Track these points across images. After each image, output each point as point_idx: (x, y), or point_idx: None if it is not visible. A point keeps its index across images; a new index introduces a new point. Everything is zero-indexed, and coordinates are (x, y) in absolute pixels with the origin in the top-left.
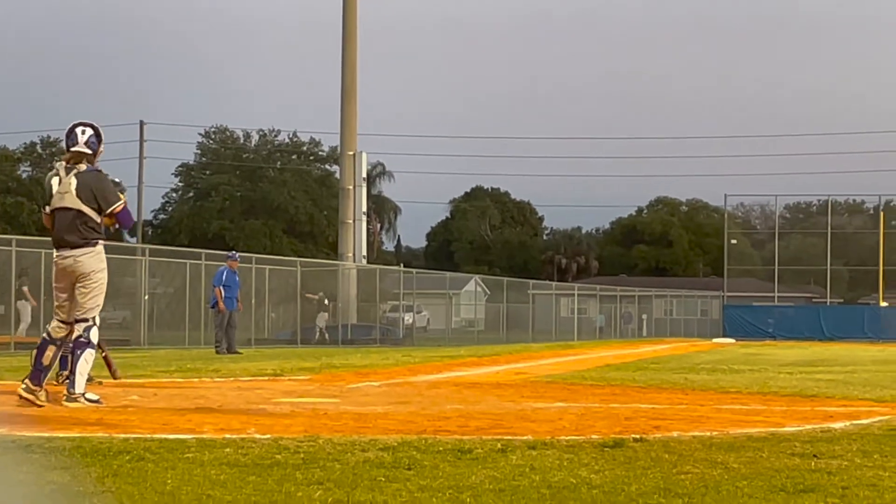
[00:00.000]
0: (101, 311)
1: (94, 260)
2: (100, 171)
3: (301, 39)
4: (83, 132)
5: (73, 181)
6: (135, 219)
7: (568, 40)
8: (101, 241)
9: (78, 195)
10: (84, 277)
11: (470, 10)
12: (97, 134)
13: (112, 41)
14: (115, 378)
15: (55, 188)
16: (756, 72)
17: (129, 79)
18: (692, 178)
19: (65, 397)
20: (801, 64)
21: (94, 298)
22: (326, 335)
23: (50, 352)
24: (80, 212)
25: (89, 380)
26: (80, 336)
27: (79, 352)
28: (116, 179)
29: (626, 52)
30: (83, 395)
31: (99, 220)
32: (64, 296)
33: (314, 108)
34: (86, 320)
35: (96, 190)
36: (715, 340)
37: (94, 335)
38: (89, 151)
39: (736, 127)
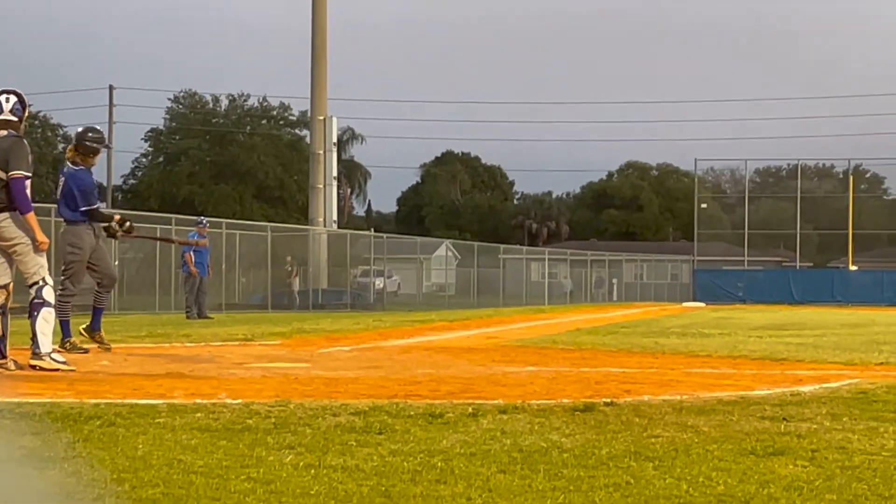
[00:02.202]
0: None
1: (12, 226)
2: (20, 137)
3: (270, 3)
4: (7, 100)
5: None
6: (29, 201)
7: (536, 3)
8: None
9: None
10: (10, 243)
11: None
12: (21, 101)
13: (81, 5)
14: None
15: None
16: (727, 33)
17: (98, 43)
18: (662, 142)
19: (31, 358)
20: (770, 27)
21: (31, 261)
22: (297, 299)
23: None
24: None
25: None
26: (34, 298)
27: (35, 313)
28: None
29: (596, 16)
30: (49, 354)
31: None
32: None
33: (284, 73)
34: (35, 283)
35: (7, 153)
36: (685, 304)
37: (48, 293)
38: (15, 118)
39: (706, 91)
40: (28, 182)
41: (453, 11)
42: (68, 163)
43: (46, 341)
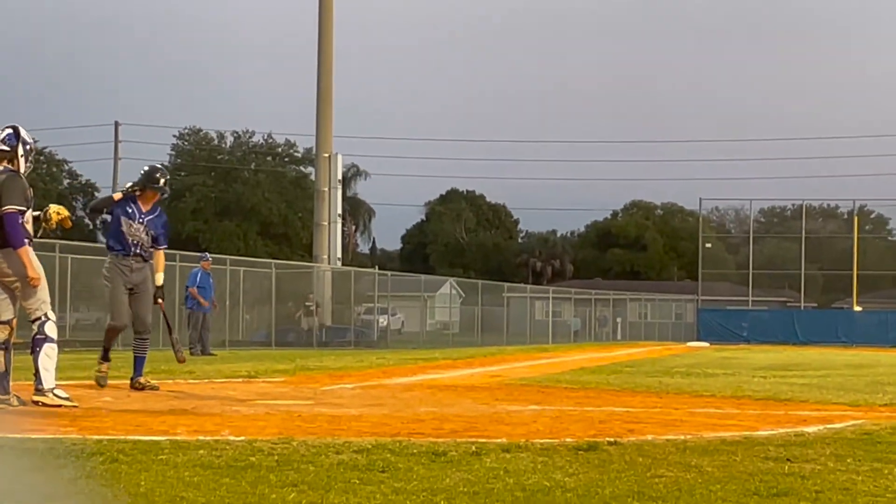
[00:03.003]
0: (76, 312)
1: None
2: (15, 172)
3: (277, 41)
4: (2, 130)
5: None
6: (22, 237)
7: (541, 44)
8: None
9: None
10: (11, 279)
11: (445, 13)
12: (16, 134)
13: (86, 42)
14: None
15: None
16: (731, 76)
17: (104, 79)
18: (667, 181)
19: (34, 394)
20: (777, 69)
21: (34, 297)
22: (314, 337)
23: (1, 357)
24: None
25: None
26: (36, 334)
27: (38, 349)
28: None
29: (602, 57)
30: (52, 390)
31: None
32: None
33: (289, 110)
34: (38, 318)
35: (1, 188)
36: (689, 344)
37: (50, 329)
38: (6, 148)
39: (711, 131)
40: (24, 216)
41: (459, 49)
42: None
43: (49, 377)
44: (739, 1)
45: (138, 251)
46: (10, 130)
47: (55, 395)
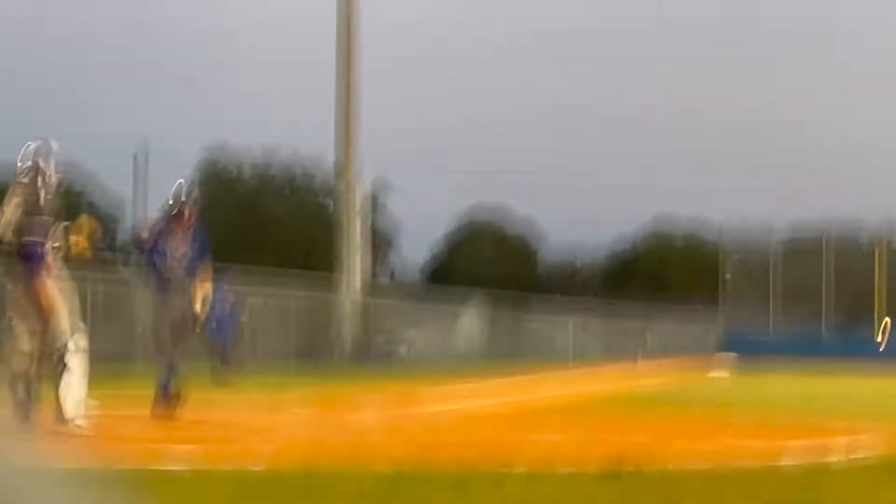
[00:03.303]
0: (96, 339)
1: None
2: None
3: (298, 67)
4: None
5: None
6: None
7: (567, 68)
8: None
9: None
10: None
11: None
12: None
13: (107, 69)
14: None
15: None
16: (751, 102)
17: (127, 107)
18: (689, 209)
19: (54, 423)
20: (798, 96)
21: (52, 327)
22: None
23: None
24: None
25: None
26: (57, 364)
27: (59, 378)
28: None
29: (623, 82)
30: (73, 420)
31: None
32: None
33: (311, 138)
34: (58, 349)
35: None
36: (712, 372)
37: (70, 359)
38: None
39: (733, 157)
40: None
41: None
42: None
43: (72, 406)
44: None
45: (176, 285)
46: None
47: (75, 425)
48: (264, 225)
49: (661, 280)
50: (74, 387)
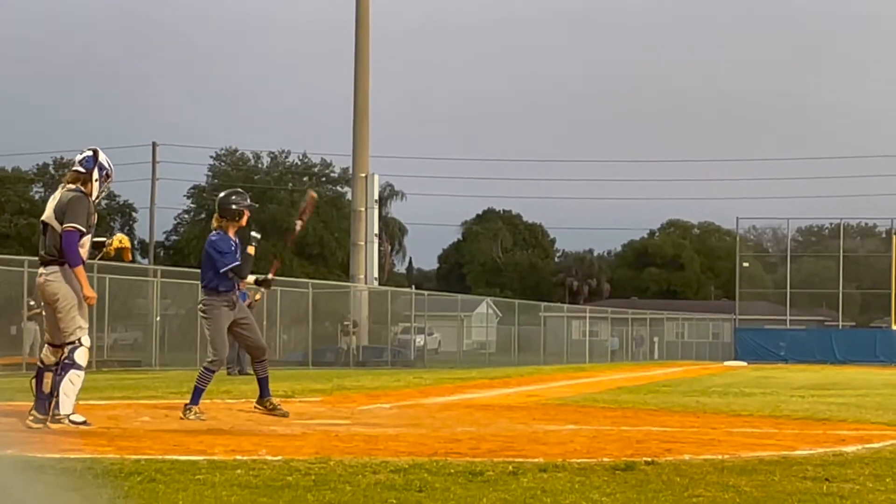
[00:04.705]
0: (114, 332)
1: (59, 281)
2: (83, 194)
3: (313, 61)
4: (81, 153)
5: (57, 196)
6: (79, 255)
7: (580, 65)
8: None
9: (54, 210)
10: (52, 299)
11: (483, 34)
12: (95, 157)
13: (125, 63)
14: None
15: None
16: (769, 94)
17: (142, 100)
18: (704, 200)
19: (49, 420)
20: (815, 86)
21: (71, 320)
22: (350, 357)
23: (48, 379)
24: (51, 228)
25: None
26: (65, 357)
27: (63, 373)
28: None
29: (639, 77)
30: (68, 416)
31: None
32: (48, 315)
33: (325, 130)
34: (71, 342)
35: (66, 206)
36: (726, 363)
37: (80, 356)
38: (82, 170)
39: (748, 149)
40: (84, 239)
41: (496, 71)
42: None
43: (68, 403)
44: (776, 21)
45: (238, 285)
46: (89, 153)
47: (71, 420)
48: (278, 214)
49: (677, 268)
50: (77, 385)
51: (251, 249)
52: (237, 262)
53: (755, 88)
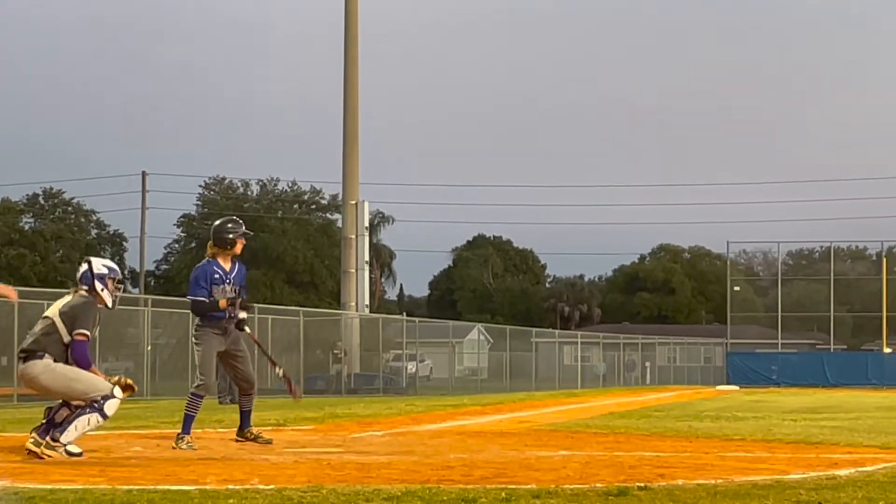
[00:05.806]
0: (105, 362)
1: (48, 372)
2: (91, 299)
3: (303, 88)
4: (78, 268)
5: (67, 298)
6: (90, 360)
7: (569, 92)
8: (48, 357)
9: (61, 308)
10: (50, 388)
11: (471, 62)
12: (90, 269)
13: (114, 93)
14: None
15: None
16: (758, 118)
17: (132, 130)
18: (694, 225)
19: (46, 443)
20: (803, 110)
21: (84, 391)
22: (342, 384)
23: (64, 412)
24: (52, 323)
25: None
26: (96, 400)
27: (89, 411)
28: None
29: (629, 102)
30: (65, 445)
31: (66, 342)
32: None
33: (314, 158)
34: (104, 395)
35: (76, 310)
36: (718, 388)
37: (110, 407)
38: (84, 287)
39: (737, 174)
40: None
41: (485, 95)
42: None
43: (73, 435)
44: (765, 45)
45: (232, 313)
46: (84, 268)
47: (67, 451)
48: (269, 242)
49: (668, 293)
50: (93, 427)
51: (223, 304)
52: (199, 299)
53: (745, 113)
